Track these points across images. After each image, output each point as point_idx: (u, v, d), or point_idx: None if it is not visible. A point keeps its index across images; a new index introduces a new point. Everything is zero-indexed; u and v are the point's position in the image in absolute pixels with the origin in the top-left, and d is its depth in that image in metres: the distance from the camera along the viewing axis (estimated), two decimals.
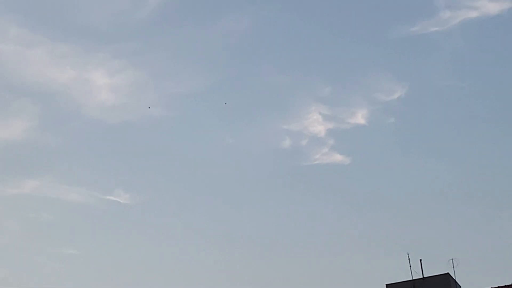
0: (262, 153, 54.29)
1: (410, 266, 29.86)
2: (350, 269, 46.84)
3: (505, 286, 29.07)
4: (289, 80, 56.44)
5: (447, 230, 48.38)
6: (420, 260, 29.99)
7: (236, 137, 54.65)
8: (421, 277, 29.77)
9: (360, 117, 53.76)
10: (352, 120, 53.83)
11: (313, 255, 48.86)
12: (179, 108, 55.58)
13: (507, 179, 49.58)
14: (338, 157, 53.00)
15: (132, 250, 50.10)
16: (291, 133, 54.03)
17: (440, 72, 55.41)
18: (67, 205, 51.51)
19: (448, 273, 29.64)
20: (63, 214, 51.70)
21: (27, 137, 53.26)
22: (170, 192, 53.23)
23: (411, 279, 29.81)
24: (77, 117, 54.60)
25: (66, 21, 56.51)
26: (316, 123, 54.15)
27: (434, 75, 55.36)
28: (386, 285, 30.53)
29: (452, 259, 29.46)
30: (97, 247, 50.28)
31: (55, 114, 54.90)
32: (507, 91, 54.07)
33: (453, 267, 29.80)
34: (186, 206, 52.51)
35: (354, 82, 56.00)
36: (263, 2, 58.28)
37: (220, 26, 57.05)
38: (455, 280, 29.88)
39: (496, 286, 29.25)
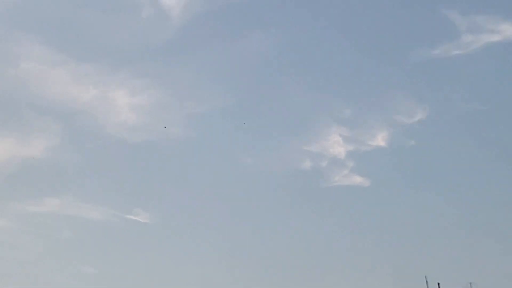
0: (281, 173, 54.29)
1: None
2: None
3: None
4: (310, 101, 56.61)
5: (465, 254, 48.09)
6: (438, 283, 29.88)
7: (256, 157, 54.73)
8: None
9: (380, 139, 53.77)
10: (372, 142, 53.84)
11: (331, 276, 48.64)
12: (199, 128, 55.79)
13: None
14: (357, 179, 52.89)
15: (151, 269, 50.07)
16: (311, 154, 54.07)
17: (462, 95, 55.34)
18: (88, 224, 51.62)
19: None
20: (83, 232, 51.79)
21: (49, 155, 53.59)
22: (189, 211, 53.24)
23: None
24: (98, 136, 54.88)
25: (89, 41, 57.07)
26: (336, 144, 54.19)
27: (456, 98, 55.32)
28: None
29: (470, 283, 29.33)
30: (117, 265, 50.33)
31: (77, 132, 55.20)
32: None
33: None
34: (205, 225, 52.45)
35: (375, 104, 56.04)
36: (284, 24, 58.65)
37: (242, 47, 57.44)
38: None
39: None
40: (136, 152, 55.04)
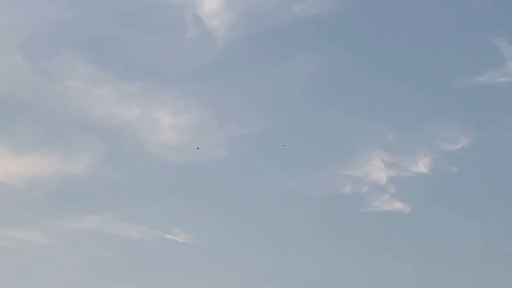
0: (322, 197, 54.05)
1: None
2: None
3: None
4: (352, 125, 56.31)
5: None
6: None
7: (297, 180, 54.55)
8: None
9: (422, 166, 53.44)
10: (414, 168, 53.52)
11: None
12: (241, 150, 55.73)
13: None
14: (398, 205, 52.60)
15: None
16: (352, 179, 53.80)
17: (506, 123, 54.81)
18: (127, 242, 51.83)
19: None
20: (122, 251, 51.98)
21: (91, 173, 53.91)
22: (229, 233, 53.20)
23: None
24: (140, 155, 55.09)
25: (133, 60, 57.43)
26: (378, 170, 53.95)
27: (500, 126, 54.77)
28: None
29: None
30: (154, 285, 50.36)
31: (119, 151, 55.46)
32: None
33: None
34: (243, 248, 52.42)
35: (418, 130, 55.65)
36: (329, 47, 58.51)
37: (285, 69, 57.43)
38: None
39: None
40: (177, 172, 55.18)
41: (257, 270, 50.59)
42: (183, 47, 57.80)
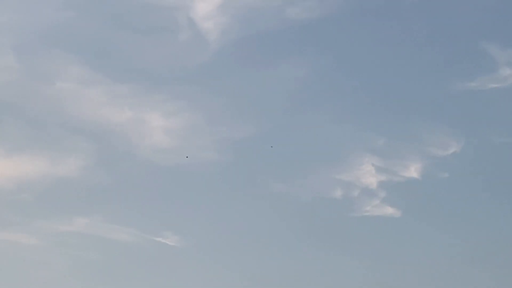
0: (311, 201, 54.02)
1: None
2: None
3: None
4: (343, 130, 56.33)
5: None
6: None
7: (285, 184, 54.54)
8: None
9: (413, 171, 53.48)
10: (405, 173, 53.57)
11: None
12: (231, 153, 55.72)
13: None
14: (389, 210, 52.60)
15: None
16: (342, 183, 53.79)
17: (497, 129, 54.80)
18: (116, 245, 51.86)
19: None
20: (111, 254, 52.00)
21: (81, 175, 53.93)
22: (218, 236, 53.18)
23: None
24: (130, 158, 55.12)
25: (125, 62, 57.54)
26: (368, 174, 53.97)
27: (491, 132, 54.76)
28: None
29: None
30: None
31: (109, 153, 55.48)
32: None
33: None
34: (234, 251, 52.43)
35: (408, 135, 55.66)
36: (321, 51, 58.57)
37: (276, 73, 57.45)
38: None
39: None
40: (167, 175, 55.18)
41: (246, 273, 50.65)
42: (176, 50, 57.98)
